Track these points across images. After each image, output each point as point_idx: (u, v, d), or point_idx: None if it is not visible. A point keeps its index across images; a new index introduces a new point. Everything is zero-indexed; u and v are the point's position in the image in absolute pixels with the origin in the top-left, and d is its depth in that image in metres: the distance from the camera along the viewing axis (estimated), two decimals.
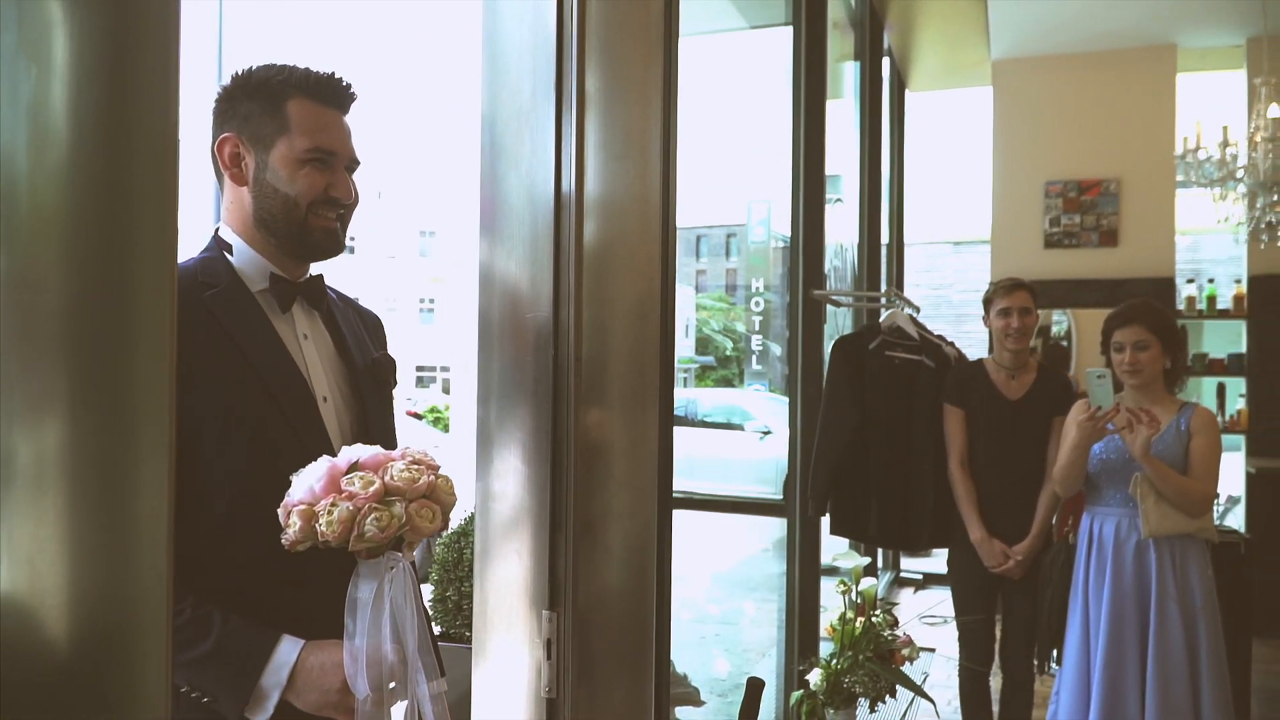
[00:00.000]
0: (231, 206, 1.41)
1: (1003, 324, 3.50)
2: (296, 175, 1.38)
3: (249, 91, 1.39)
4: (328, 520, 1.20)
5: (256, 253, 1.41)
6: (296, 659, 1.27)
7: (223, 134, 1.39)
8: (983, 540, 3.43)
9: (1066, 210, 6.29)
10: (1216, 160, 4.68)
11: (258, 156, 1.38)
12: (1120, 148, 6.23)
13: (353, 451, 1.27)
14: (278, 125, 1.38)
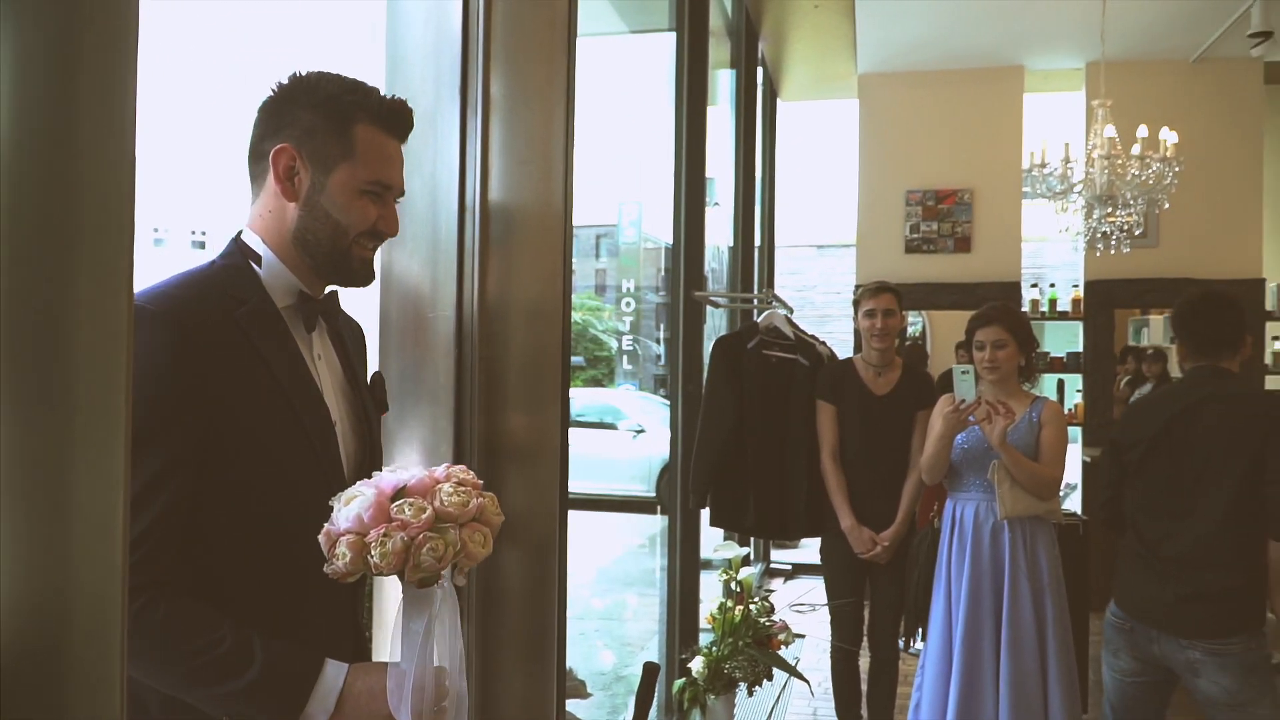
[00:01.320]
0: (267, 216, 1.32)
1: (869, 324, 3.70)
2: (353, 204, 1.31)
3: (315, 104, 1.29)
4: (381, 552, 1.15)
5: (288, 269, 1.33)
6: (344, 684, 1.21)
7: (279, 143, 1.29)
8: (853, 528, 3.63)
9: (925, 218, 6.66)
10: (1058, 175, 5.05)
11: (315, 177, 1.30)
12: (974, 160, 6.63)
13: (395, 475, 1.21)
14: (343, 149, 1.30)
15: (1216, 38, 5.94)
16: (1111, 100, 5.13)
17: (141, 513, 1.15)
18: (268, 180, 1.31)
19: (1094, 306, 6.54)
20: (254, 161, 1.34)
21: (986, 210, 6.63)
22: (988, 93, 6.65)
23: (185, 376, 1.19)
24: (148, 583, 1.15)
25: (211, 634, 1.17)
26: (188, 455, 1.19)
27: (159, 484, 1.17)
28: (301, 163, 1.29)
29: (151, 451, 1.16)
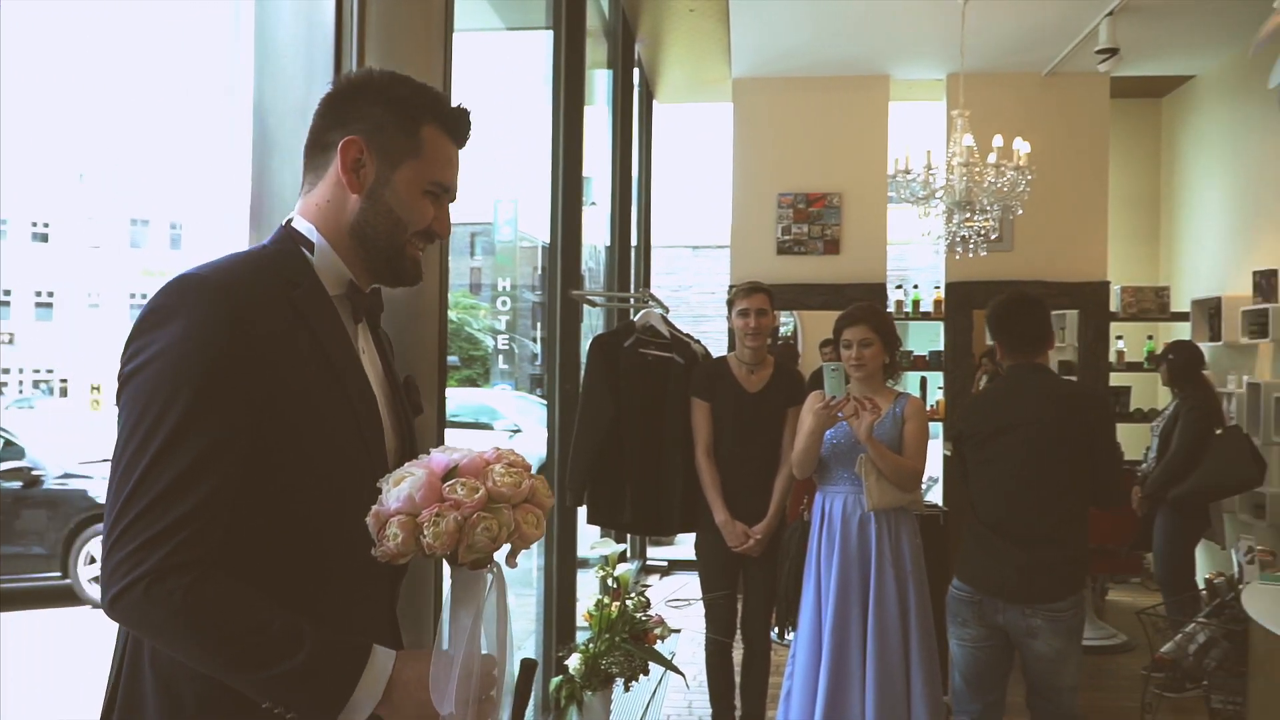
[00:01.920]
0: (325, 206, 1.32)
1: (743, 323, 3.79)
2: (415, 202, 1.33)
3: (387, 101, 1.31)
4: (434, 531, 1.13)
5: (340, 258, 1.33)
6: (392, 671, 1.18)
7: (349, 135, 1.30)
8: (726, 522, 3.71)
9: (796, 220, 6.83)
10: (921, 181, 5.26)
11: (381, 171, 1.31)
12: (843, 165, 6.84)
13: (445, 455, 1.20)
14: (411, 147, 1.32)
15: (1067, 53, 6.28)
16: (970, 110, 5.37)
17: (194, 487, 1.12)
18: (329, 170, 1.32)
19: (954, 307, 6.83)
20: (316, 151, 1.34)
21: (854, 214, 6.85)
22: (856, 100, 6.87)
23: (243, 348, 1.17)
24: (195, 560, 1.11)
25: (261, 615, 1.14)
26: (242, 431, 1.17)
27: (212, 459, 1.14)
28: (369, 155, 1.30)
29: (206, 425, 1.14)
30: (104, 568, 1.12)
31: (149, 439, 1.12)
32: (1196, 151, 7.36)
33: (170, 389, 1.13)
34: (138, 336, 1.17)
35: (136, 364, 1.16)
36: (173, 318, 1.16)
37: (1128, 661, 5.24)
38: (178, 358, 1.14)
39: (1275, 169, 6.13)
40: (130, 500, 1.10)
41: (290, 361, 1.22)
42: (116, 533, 1.11)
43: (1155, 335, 7.27)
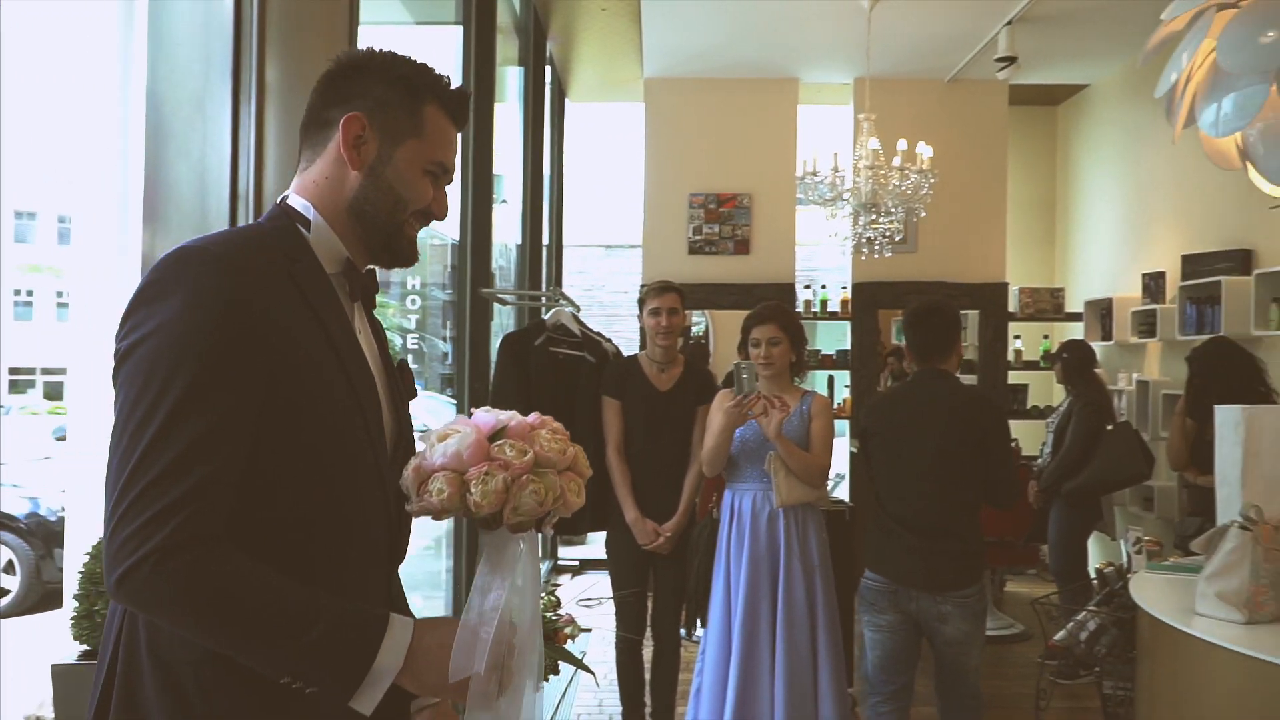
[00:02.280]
0: (323, 183, 1.30)
1: (654, 322, 3.81)
2: (415, 181, 1.32)
3: (389, 79, 1.30)
4: (482, 490, 1.13)
5: (337, 236, 1.31)
6: (412, 638, 1.17)
7: (351, 111, 1.28)
8: (637, 520, 3.72)
9: (708, 220, 6.89)
10: (828, 183, 5.36)
11: (382, 148, 1.30)
12: (753, 166, 6.92)
13: (490, 415, 1.20)
14: (413, 126, 1.31)
15: (968, 61, 6.47)
16: (875, 115, 5.49)
17: (199, 462, 1.09)
18: (329, 147, 1.30)
19: (860, 307, 6.97)
20: (314, 129, 1.32)
21: (764, 214, 6.94)
22: (766, 102, 6.96)
23: (245, 322, 1.14)
24: (203, 535, 1.09)
25: (275, 588, 1.11)
26: (246, 407, 1.14)
27: (217, 434, 1.11)
28: (371, 132, 1.29)
29: (210, 400, 1.11)
30: (108, 548, 1.08)
31: (151, 414, 1.09)
32: (1090, 158, 7.65)
33: (172, 364, 1.10)
34: (135, 310, 1.14)
35: (135, 339, 1.13)
36: (172, 291, 1.13)
37: (1024, 650, 5.42)
38: (179, 332, 1.11)
39: (1163, 176, 6.41)
40: (133, 477, 1.07)
41: (291, 338, 1.19)
42: (120, 511, 1.07)
43: (1051, 335, 7.53)
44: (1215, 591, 2.58)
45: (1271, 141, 2.74)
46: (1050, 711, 4.35)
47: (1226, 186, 5.37)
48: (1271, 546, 2.55)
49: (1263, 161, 2.79)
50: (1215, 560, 2.61)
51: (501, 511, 1.16)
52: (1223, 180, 5.16)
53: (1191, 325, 5.77)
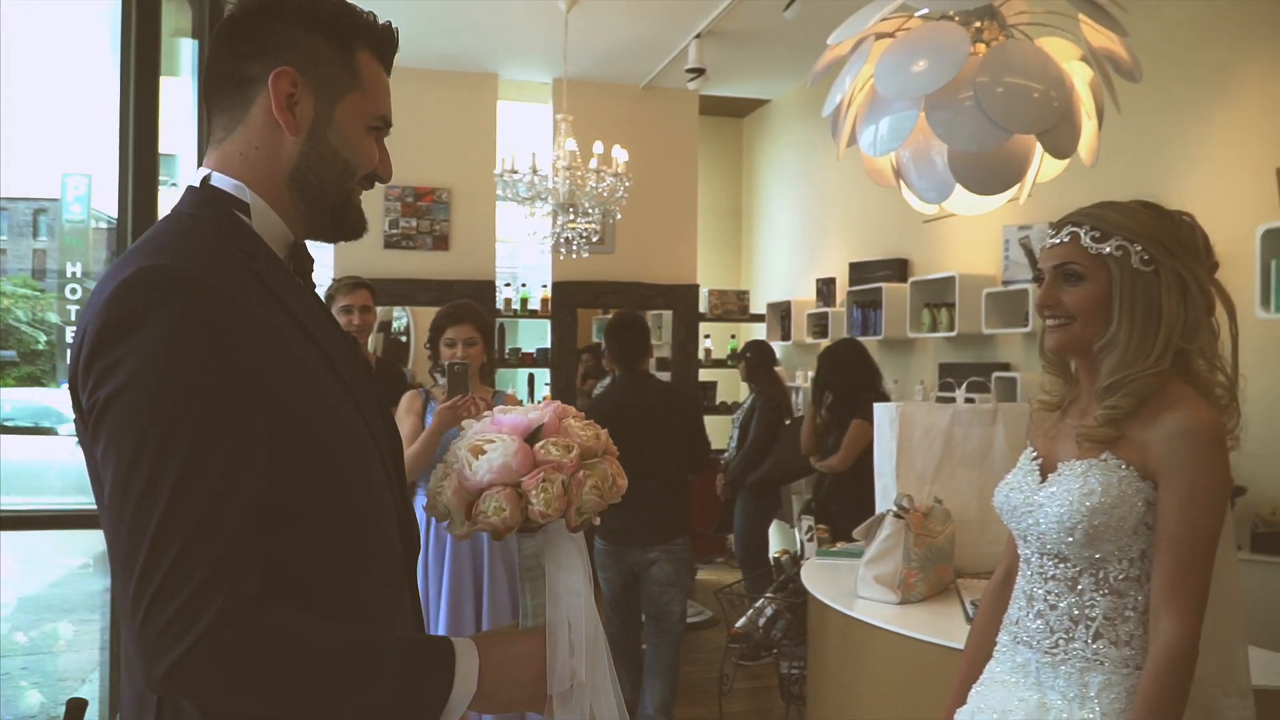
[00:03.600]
0: (252, 155, 1.10)
1: (345, 320, 3.62)
2: (361, 141, 1.15)
3: (315, 25, 1.11)
4: (544, 498, 1.06)
5: (279, 216, 1.12)
6: (480, 659, 1.06)
7: (279, 65, 1.08)
8: None
9: (405, 214, 6.68)
10: (527, 182, 5.34)
11: (319, 106, 1.11)
12: (452, 161, 6.78)
13: (516, 417, 1.12)
14: (349, 78, 1.13)
15: (661, 69, 6.69)
16: (573, 116, 5.54)
17: (227, 519, 0.94)
18: (252, 111, 1.10)
19: (560, 305, 7.04)
20: (226, 89, 1.11)
21: (463, 210, 6.83)
22: (465, 96, 6.85)
23: (235, 341, 0.98)
24: (252, 599, 0.95)
25: (338, 636, 1.00)
26: (259, 437, 0.99)
27: (237, 479, 0.96)
28: (303, 89, 1.10)
29: (221, 442, 0.95)
30: (141, 639, 0.92)
31: (158, 475, 0.93)
32: (771, 169, 8.17)
33: (168, 411, 0.94)
34: (104, 351, 0.96)
35: (114, 386, 0.95)
36: (145, 320, 0.95)
37: (712, 636, 5.69)
38: (167, 370, 0.95)
39: (834, 189, 6.96)
40: (155, 553, 0.92)
41: (279, 346, 1.04)
42: (150, 595, 0.91)
43: (738, 335, 7.97)
44: (873, 575, 2.80)
45: (921, 164, 3.00)
46: (734, 693, 4.58)
47: (887, 201, 5.90)
48: (921, 533, 2.80)
49: (914, 182, 3.05)
50: (873, 547, 2.83)
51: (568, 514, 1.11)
52: (883, 195, 5.66)
53: (858, 327, 6.30)
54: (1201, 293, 1.45)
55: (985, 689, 1.57)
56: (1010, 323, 5.01)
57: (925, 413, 3.15)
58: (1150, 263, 1.44)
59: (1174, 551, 1.37)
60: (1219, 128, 3.98)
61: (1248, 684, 1.50)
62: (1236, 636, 1.51)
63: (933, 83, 2.61)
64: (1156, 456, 1.40)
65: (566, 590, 1.14)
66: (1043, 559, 1.51)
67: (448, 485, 1.12)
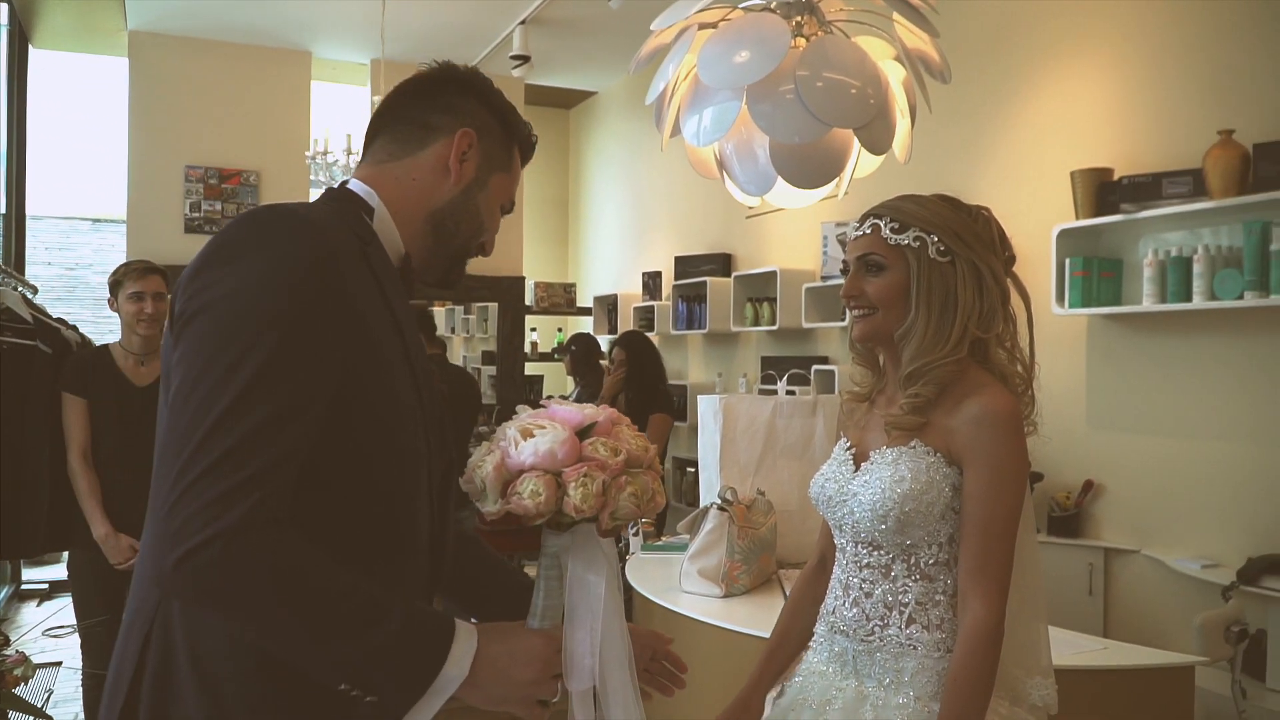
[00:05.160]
0: (408, 183, 1.26)
1: (135, 308, 3.33)
2: (494, 213, 1.33)
3: (493, 108, 1.31)
4: (583, 493, 1.08)
5: (399, 233, 1.25)
6: (478, 647, 1.07)
7: (465, 126, 1.27)
8: (108, 536, 3.23)
9: (208, 196, 6.26)
10: (342, 166, 5.10)
11: (480, 171, 1.29)
12: (260, 142, 6.41)
13: (569, 410, 1.15)
14: (505, 159, 1.32)
15: (486, 54, 6.53)
16: None
17: (279, 435, 0.98)
18: (426, 151, 1.27)
19: None
20: (406, 126, 1.27)
21: (274, 194, 6.47)
22: (275, 74, 6.48)
23: (330, 293, 1.06)
24: (278, 517, 0.97)
25: (347, 579, 1.01)
26: (326, 381, 1.04)
27: (299, 406, 1.01)
28: (474, 152, 1.28)
29: (293, 368, 1.01)
30: (167, 524, 0.94)
31: (225, 382, 0.98)
32: (598, 162, 8.14)
33: (251, 329, 1.00)
34: (207, 269, 1.05)
35: (208, 298, 1.02)
36: (252, 251, 1.04)
37: None
38: (260, 296, 1.02)
39: (659, 182, 6.97)
40: (204, 446, 0.95)
41: (366, 320, 1.11)
42: (186, 484, 0.94)
43: (565, 328, 7.90)
44: (698, 569, 2.78)
45: (744, 157, 3.01)
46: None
47: (711, 196, 5.95)
48: (745, 525, 2.80)
49: (736, 174, 3.05)
50: (697, 540, 2.81)
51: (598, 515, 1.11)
52: (708, 190, 5.71)
53: (683, 321, 6.34)
54: (997, 283, 1.50)
55: (804, 680, 1.58)
56: (829, 317, 5.13)
57: (748, 405, 3.16)
58: (947, 253, 1.48)
59: (978, 534, 1.41)
60: (1020, 131, 4.18)
61: (1049, 664, 1.55)
62: (1038, 618, 1.56)
63: (754, 73, 2.61)
64: (960, 442, 1.44)
65: (592, 593, 1.15)
66: (858, 547, 1.53)
67: (489, 461, 1.13)
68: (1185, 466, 3.49)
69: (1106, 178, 3.66)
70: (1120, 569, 3.68)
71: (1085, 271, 3.66)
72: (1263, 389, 3.24)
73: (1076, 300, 3.68)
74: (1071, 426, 3.84)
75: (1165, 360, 3.57)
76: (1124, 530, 3.71)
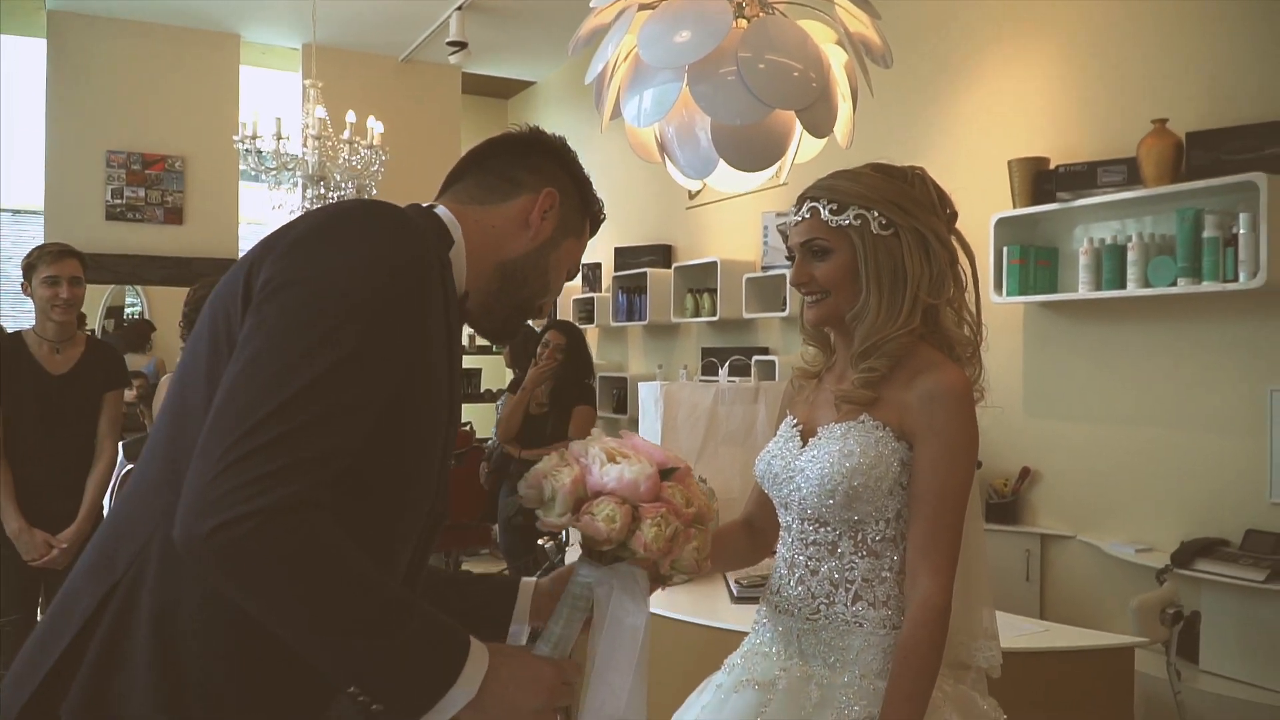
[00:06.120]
0: (488, 228, 1.27)
1: (50, 293, 3.20)
2: (560, 275, 1.35)
3: (573, 176, 1.35)
4: (655, 532, 1.07)
5: (466, 268, 1.25)
6: (489, 668, 1.04)
7: (551, 186, 1.30)
8: (22, 531, 3.09)
9: (131, 183, 6.05)
10: (272, 151, 4.95)
11: (556, 233, 1.31)
12: (186, 127, 6.21)
13: (654, 447, 1.15)
14: (579, 226, 1.36)
15: (421, 41, 6.41)
16: (324, 83, 5.19)
17: (347, 424, 0.98)
18: (512, 203, 1.29)
19: None
20: (494, 176, 1.31)
21: (201, 182, 6.28)
22: (202, 57, 6.29)
23: (419, 301, 1.06)
24: (322, 503, 0.95)
25: (376, 576, 0.98)
26: (391, 383, 1.04)
27: (364, 405, 1.00)
28: (554, 213, 1.31)
29: (371, 368, 1.00)
30: (209, 490, 0.92)
31: (304, 361, 0.97)
32: None
33: (340, 315, 0.99)
34: (308, 242, 1.05)
35: (304, 272, 1.02)
36: (358, 238, 1.05)
37: None
38: (356, 285, 1.02)
39: (599, 174, 6.85)
40: (264, 424, 0.94)
41: (430, 335, 1.10)
42: (238, 455, 0.92)
43: None
44: None
45: (685, 140, 2.96)
46: None
47: (652, 187, 5.91)
48: None
49: (678, 157, 3.01)
50: None
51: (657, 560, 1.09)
52: (648, 181, 5.67)
53: (623, 313, 6.29)
54: (943, 246, 1.48)
55: (746, 661, 1.55)
56: (769, 307, 5.12)
57: (690, 392, 3.12)
58: (889, 226, 1.46)
59: (929, 510, 1.40)
60: (959, 118, 4.20)
61: (994, 629, 1.55)
62: (983, 601, 1.56)
63: (695, 52, 2.57)
64: (914, 418, 1.43)
65: (629, 638, 1.14)
66: (804, 524, 1.51)
67: (566, 474, 1.11)
68: (1119, 452, 3.53)
69: (1043, 166, 3.69)
70: (1056, 555, 3.72)
71: (1022, 260, 3.69)
72: (1194, 375, 3.29)
73: (1014, 288, 3.71)
74: (1009, 414, 3.87)
75: (1100, 347, 3.61)
76: (1060, 516, 3.75)
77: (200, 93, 6.25)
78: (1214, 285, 3.06)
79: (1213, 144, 3.11)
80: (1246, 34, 3.18)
